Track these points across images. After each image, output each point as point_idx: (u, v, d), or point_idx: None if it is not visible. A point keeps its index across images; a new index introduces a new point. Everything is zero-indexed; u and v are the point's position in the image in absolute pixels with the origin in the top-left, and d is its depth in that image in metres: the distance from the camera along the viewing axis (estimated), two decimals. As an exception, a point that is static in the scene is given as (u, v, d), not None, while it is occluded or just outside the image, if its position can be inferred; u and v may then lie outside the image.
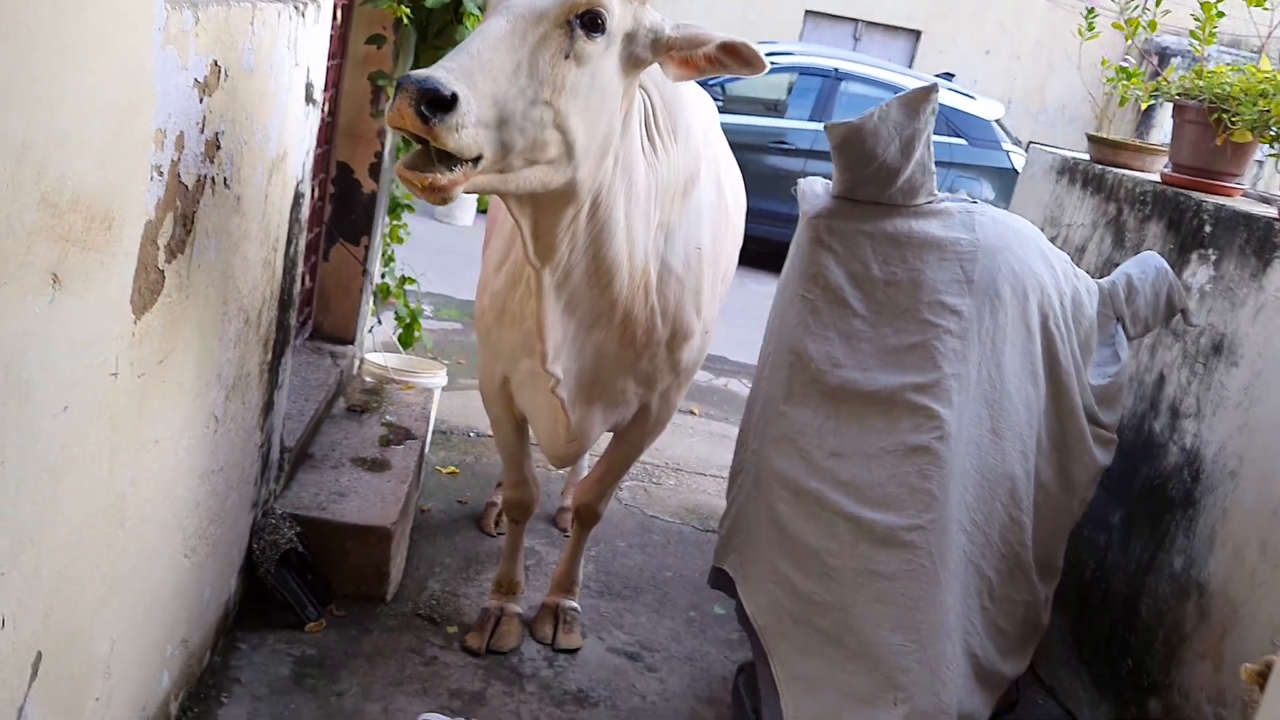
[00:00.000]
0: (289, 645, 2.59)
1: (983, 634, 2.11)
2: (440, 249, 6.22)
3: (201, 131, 1.69)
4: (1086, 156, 3.55)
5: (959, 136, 8.60)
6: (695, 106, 2.42)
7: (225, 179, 1.84)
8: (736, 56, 1.94)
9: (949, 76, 9.51)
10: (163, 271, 1.62)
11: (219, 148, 1.78)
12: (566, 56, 1.78)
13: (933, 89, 2.07)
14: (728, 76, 7.90)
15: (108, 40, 1.31)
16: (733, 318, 5.65)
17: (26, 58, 1.14)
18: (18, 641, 1.37)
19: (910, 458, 2.03)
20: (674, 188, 2.25)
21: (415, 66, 3.33)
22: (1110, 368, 2.38)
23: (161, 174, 1.54)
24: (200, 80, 1.64)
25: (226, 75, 1.75)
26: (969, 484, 2.07)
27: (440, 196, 1.69)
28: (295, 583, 2.67)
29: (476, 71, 1.66)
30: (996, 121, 8.80)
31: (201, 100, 1.66)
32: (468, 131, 1.62)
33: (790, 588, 2.07)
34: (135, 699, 1.92)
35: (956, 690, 1.95)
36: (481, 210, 7.50)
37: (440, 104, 1.58)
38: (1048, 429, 2.24)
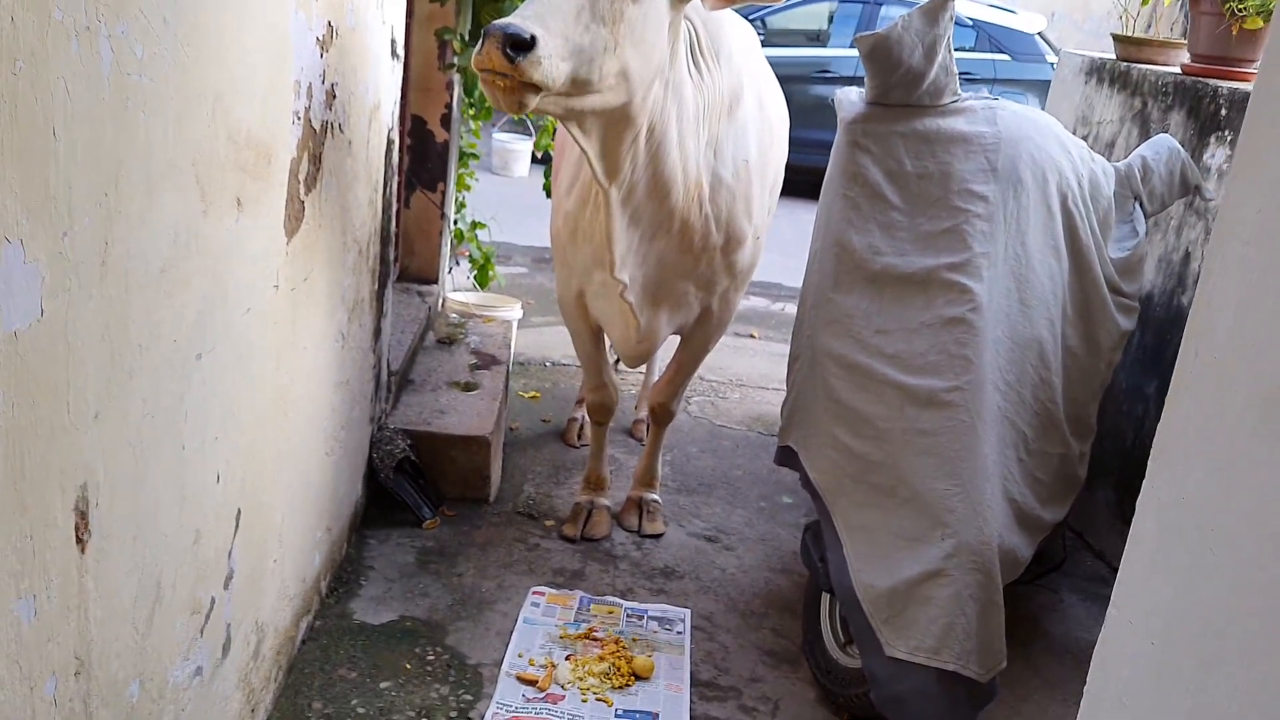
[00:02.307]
0: (410, 539, 2.96)
1: (1021, 482, 2.37)
2: (500, 201, 6.52)
3: (323, 83, 2.00)
4: (1114, 57, 3.71)
5: (1002, 52, 8.62)
6: (735, 32, 2.67)
7: (340, 125, 2.16)
8: None
9: (989, -7, 9.48)
10: (303, 203, 1.95)
11: (335, 97, 2.10)
12: (622, -4, 2.06)
13: (949, -2, 2.30)
14: (764, 8, 8.02)
15: (260, 8, 1.63)
16: (787, 246, 5.87)
17: (213, 27, 1.45)
18: (227, 495, 1.72)
19: (947, 328, 2.29)
20: (719, 107, 2.52)
21: (476, 22, 3.59)
22: (1129, 242, 2.61)
23: (299, 118, 1.86)
24: (320, 39, 1.95)
25: (337, 34, 2.06)
26: (1001, 349, 2.32)
27: (516, 100, 1.94)
28: (411, 486, 3.04)
29: (548, 15, 1.95)
30: (1039, 34, 8.80)
31: (321, 56, 1.97)
32: (547, 63, 1.91)
33: (846, 451, 2.36)
34: (297, 570, 2.29)
35: (997, 526, 2.22)
36: (535, 161, 7.79)
37: (521, 45, 1.87)
38: (1072, 298, 2.48)
